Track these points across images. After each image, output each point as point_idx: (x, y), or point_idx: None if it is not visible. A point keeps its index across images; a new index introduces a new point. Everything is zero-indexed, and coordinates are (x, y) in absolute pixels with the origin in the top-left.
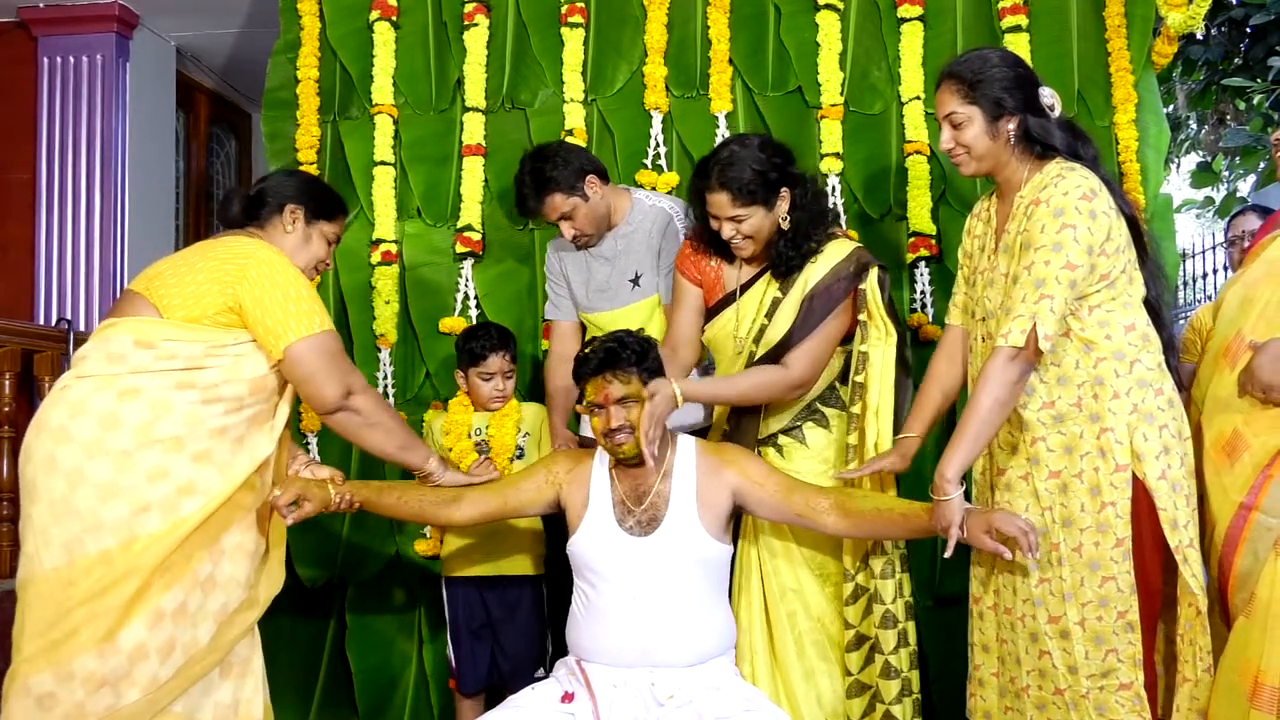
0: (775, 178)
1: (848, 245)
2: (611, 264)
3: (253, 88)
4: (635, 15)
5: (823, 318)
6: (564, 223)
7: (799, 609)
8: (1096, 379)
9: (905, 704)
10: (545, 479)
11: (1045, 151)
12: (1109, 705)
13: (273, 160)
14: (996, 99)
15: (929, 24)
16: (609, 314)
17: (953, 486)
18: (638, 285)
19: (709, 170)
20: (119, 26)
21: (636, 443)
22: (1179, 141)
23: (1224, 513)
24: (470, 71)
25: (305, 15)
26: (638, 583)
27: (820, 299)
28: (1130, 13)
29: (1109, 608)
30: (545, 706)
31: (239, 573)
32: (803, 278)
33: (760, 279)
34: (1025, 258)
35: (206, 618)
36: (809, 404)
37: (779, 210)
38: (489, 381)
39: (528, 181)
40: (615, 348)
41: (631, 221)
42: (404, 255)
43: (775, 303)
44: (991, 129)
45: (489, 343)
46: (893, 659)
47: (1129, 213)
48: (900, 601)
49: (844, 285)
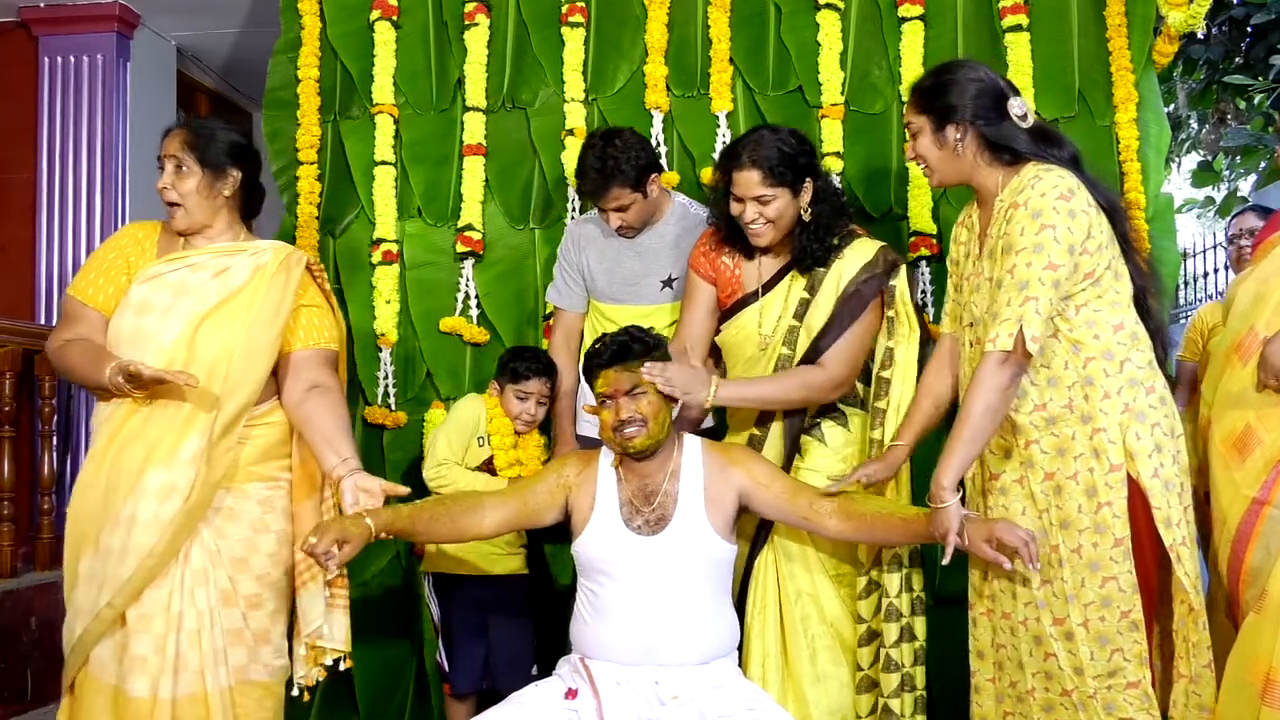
0: (803, 163)
1: (872, 244)
2: (644, 260)
3: (253, 87)
4: (636, 15)
5: (856, 316)
6: (616, 214)
7: (813, 613)
8: (1086, 379)
9: (905, 699)
10: (557, 482)
11: (1016, 157)
12: (1117, 704)
13: (274, 160)
14: (942, 108)
15: (929, 23)
16: (633, 309)
17: (949, 494)
18: (669, 287)
19: (738, 150)
20: (119, 26)
21: (648, 435)
22: (1180, 141)
23: (1234, 508)
24: (471, 71)
25: (306, 15)
26: (645, 582)
27: (854, 298)
28: (1131, 12)
29: (1112, 608)
30: (548, 703)
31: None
32: (834, 276)
33: (783, 278)
34: (1007, 261)
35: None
36: (815, 420)
37: (802, 199)
38: (524, 402)
39: (595, 165)
40: (627, 341)
41: (671, 222)
42: (404, 255)
43: (804, 303)
44: (938, 137)
45: (536, 366)
46: (893, 652)
47: (1108, 203)
48: (905, 596)
49: (875, 283)
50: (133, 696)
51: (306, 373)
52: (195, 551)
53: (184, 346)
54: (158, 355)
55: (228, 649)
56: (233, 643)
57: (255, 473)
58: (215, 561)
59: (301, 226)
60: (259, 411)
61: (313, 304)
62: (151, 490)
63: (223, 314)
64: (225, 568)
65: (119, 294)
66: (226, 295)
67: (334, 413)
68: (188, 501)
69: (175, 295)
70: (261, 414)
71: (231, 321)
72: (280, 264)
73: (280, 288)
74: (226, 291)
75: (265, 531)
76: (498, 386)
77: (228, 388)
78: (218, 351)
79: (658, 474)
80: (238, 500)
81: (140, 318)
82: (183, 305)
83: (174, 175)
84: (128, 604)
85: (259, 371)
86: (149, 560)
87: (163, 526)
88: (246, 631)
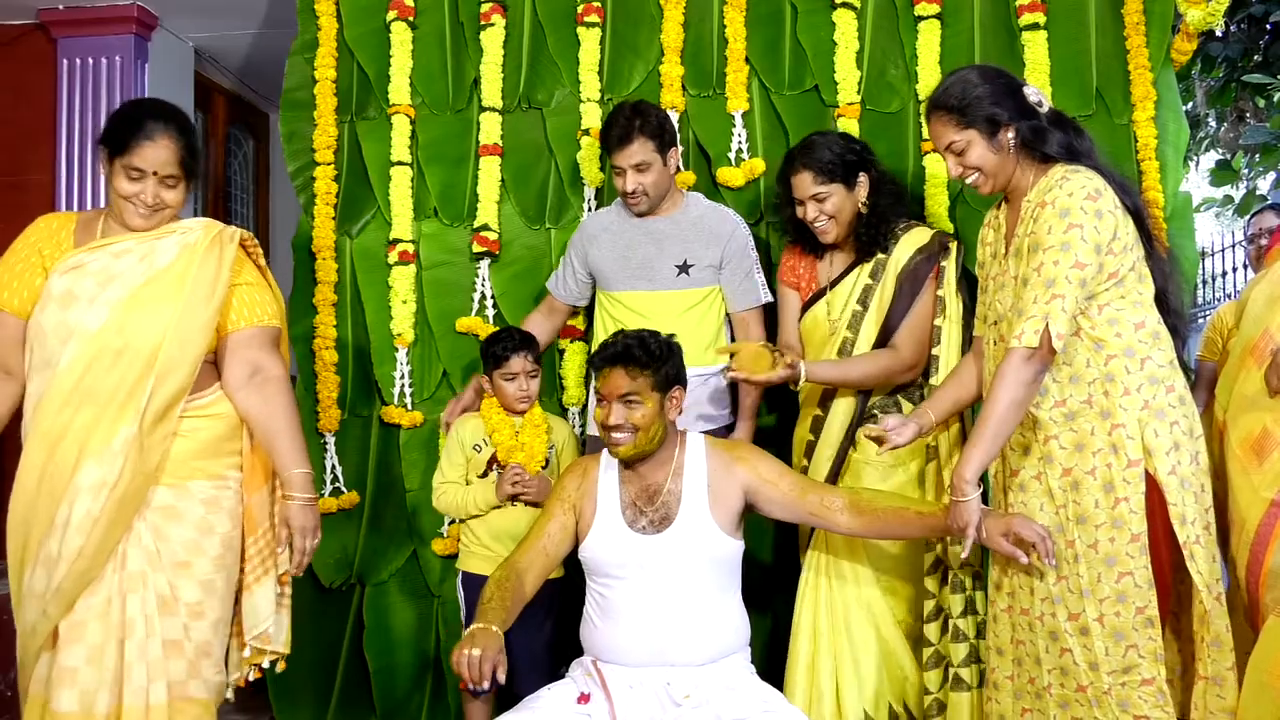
0: (853, 160)
1: (928, 230)
2: (659, 245)
3: (271, 88)
4: (651, 14)
5: (913, 296)
6: (633, 172)
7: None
8: (1107, 376)
9: (973, 669)
10: (562, 509)
11: (1046, 157)
12: (1132, 701)
13: (290, 160)
14: (988, 116)
15: (946, 22)
16: (646, 294)
17: (971, 487)
18: (685, 273)
19: (792, 156)
20: (137, 28)
21: (634, 445)
22: (1198, 139)
23: (1253, 511)
24: (487, 71)
25: (323, 16)
26: (651, 582)
27: (910, 277)
28: (1149, 10)
29: (1127, 603)
30: (561, 707)
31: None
32: (894, 262)
33: (850, 273)
34: (1034, 259)
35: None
36: (872, 407)
37: (858, 194)
38: (512, 382)
39: (626, 115)
40: (634, 344)
41: (689, 211)
42: (421, 255)
43: (867, 289)
44: (993, 144)
45: (510, 344)
46: (960, 623)
47: (1133, 205)
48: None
49: (929, 263)
50: (60, 711)
51: (247, 353)
52: (132, 552)
53: (114, 333)
54: (85, 345)
55: (167, 661)
56: (172, 655)
57: (200, 469)
58: (154, 565)
59: (318, 227)
60: (202, 402)
61: (249, 282)
62: (85, 487)
63: (150, 294)
64: (165, 572)
65: (34, 295)
66: (152, 275)
67: (277, 412)
68: (115, 492)
69: (100, 283)
70: (204, 405)
71: (161, 302)
72: (211, 241)
73: (213, 265)
74: (153, 271)
75: (210, 534)
76: (488, 380)
77: (161, 371)
78: (150, 334)
79: (659, 473)
80: (180, 498)
81: (65, 310)
82: (109, 293)
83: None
84: (62, 613)
85: (194, 353)
86: (79, 563)
87: (94, 524)
88: (187, 644)
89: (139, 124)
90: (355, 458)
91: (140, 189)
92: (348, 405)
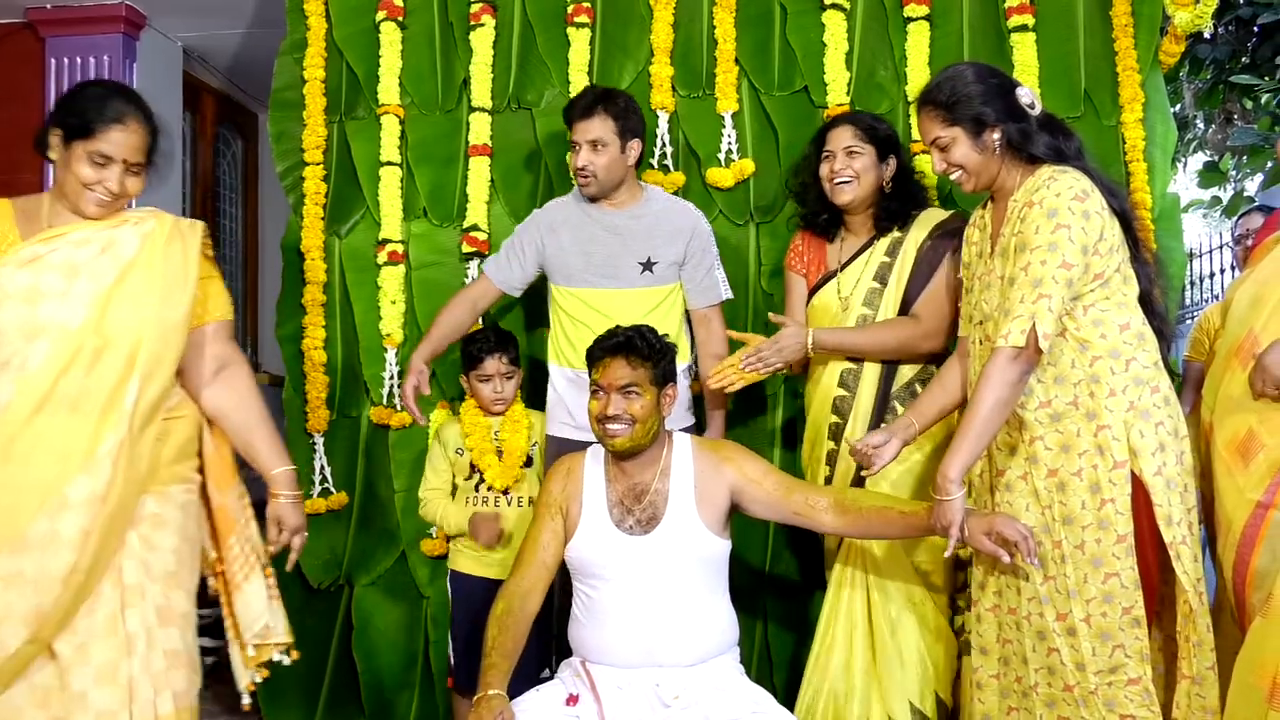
0: (885, 136)
1: (945, 211)
2: (622, 241)
3: (259, 88)
4: (641, 15)
5: (935, 266)
6: (587, 148)
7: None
8: (1092, 377)
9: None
10: (550, 514)
11: (1033, 158)
12: (1118, 700)
13: (279, 161)
14: (975, 115)
15: (935, 23)
16: (612, 292)
17: (955, 487)
18: (649, 270)
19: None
20: (126, 27)
21: (631, 437)
22: (1186, 141)
23: (1239, 513)
24: (476, 72)
25: (312, 15)
26: (638, 582)
27: (930, 250)
28: (1137, 12)
29: (1113, 604)
30: (550, 709)
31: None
32: (912, 239)
33: (860, 256)
34: (1021, 259)
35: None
36: (909, 382)
37: (885, 172)
38: (487, 384)
39: (595, 92)
40: (635, 337)
41: (650, 206)
42: (410, 255)
43: (884, 266)
44: (977, 144)
45: (485, 345)
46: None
47: (1120, 208)
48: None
49: (948, 238)
50: None
51: (213, 348)
52: (128, 565)
53: (92, 331)
54: (62, 344)
55: (169, 672)
56: (174, 665)
57: (176, 474)
58: (150, 576)
59: (307, 227)
60: (172, 403)
61: (209, 274)
62: (77, 502)
63: (125, 289)
64: (159, 583)
65: None
66: (124, 268)
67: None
68: (106, 504)
69: (67, 277)
70: (174, 406)
71: (138, 296)
72: (172, 232)
73: (180, 257)
74: (121, 264)
75: (189, 540)
76: (466, 381)
77: (144, 371)
78: (130, 331)
79: (646, 472)
80: (163, 504)
81: (33, 306)
82: (80, 286)
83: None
84: (55, 635)
85: (175, 349)
86: (75, 577)
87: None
88: (185, 653)
89: (107, 106)
90: (344, 458)
91: (104, 176)
92: (337, 406)
